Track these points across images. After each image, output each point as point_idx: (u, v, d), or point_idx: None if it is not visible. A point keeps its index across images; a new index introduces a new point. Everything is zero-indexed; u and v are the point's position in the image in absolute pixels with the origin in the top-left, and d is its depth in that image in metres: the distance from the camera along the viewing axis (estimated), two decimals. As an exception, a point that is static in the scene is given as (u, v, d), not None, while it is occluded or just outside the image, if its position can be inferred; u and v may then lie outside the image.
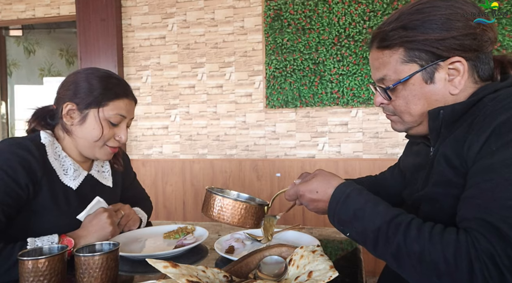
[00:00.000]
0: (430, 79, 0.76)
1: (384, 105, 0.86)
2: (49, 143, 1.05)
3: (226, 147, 2.77)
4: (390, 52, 0.78)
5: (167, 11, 2.84)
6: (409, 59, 0.76)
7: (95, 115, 1.05)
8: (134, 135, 2.94)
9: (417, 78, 0.77)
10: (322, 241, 1.09)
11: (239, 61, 2.72)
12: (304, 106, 2.61)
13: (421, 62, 0.76)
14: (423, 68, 0.76)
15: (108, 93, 1.05)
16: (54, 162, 1.04)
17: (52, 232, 0.96)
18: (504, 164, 0.62)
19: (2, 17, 3.12)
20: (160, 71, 2.87)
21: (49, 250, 0.80)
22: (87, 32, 2.85)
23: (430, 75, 0.76)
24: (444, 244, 0.62)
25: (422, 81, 0.77)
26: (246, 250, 1.03)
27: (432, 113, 0.77)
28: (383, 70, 0.80)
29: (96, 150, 1.08)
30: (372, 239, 0.70)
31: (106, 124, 1.06)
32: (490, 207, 0.62)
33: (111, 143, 1.09)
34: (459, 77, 0.75)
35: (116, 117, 1.07)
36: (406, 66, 0.77)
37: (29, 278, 0.73)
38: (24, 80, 3.39)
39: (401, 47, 0.76)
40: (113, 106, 1.06)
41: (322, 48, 2.55)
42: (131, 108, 1.12)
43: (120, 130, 1.10)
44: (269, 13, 2.62)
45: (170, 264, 0.63)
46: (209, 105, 2.79)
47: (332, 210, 0.77)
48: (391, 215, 0.69)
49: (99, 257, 0.76)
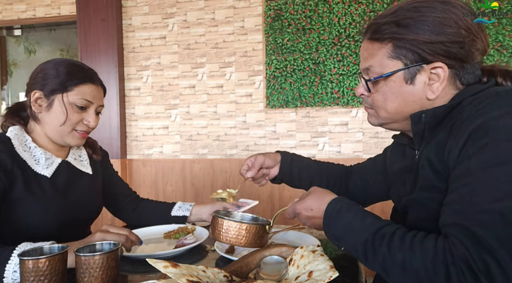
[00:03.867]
0: (411, 80, 0.77)
1: (364, 97, 0.86)
2: (14, 135, 1.07)
3: (226, 146, 2.77)
4: (380, 45, 0.79)
5: (167, 11, 2.84)
6: (395, 56, 0.77)
7: (60, 100, 1.07)
8: (134, 135, 2.94)
9: (398, 76, 0.77)
10: (322, 241, 1.09)
11: (239, 61, 2.72)
12: (304, 106, 2.61)
13: (406, 61, 0.76)
14: (406, 67, 0.76)
15: (73, 78, 1.08)
16: (23, 153, 1.06)
17: (31, 220, 1.00)
18: (480, 168, 0.63)
19: (2, 17, 3.12)
20: (160, 71, 2.87)
21: (50, 250, 0.80)
22: (87, 32, 2.85)
23: (411, 76, 0.76)
24: (423, 252, 0.64)
25: (403, 80, 0.77)
26: (246, 250, 1.03)
27: (414, 117, 0.78)
28: (370, 61, 0.80)
29: (65, 135, 1.10)
30: (362, 252, 0.72)
31: (72, 109, 1.08)
32: (467, 211, 0.62)
33: (80, 127, 1.11)
34: (438, 83, 0.75)
35: (81, 102, 1.09)
36: (391, 62, 0.77)
37: (30, 277, 0.74)
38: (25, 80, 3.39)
39: (390, 42, 0.77)
40: (78, 91, 1.08)
41: (323, 48, 2.55)
42: (97, 94, 1.14)
43: (88, 115, 1.12)
44: (269, 13, 2.62)
45: (171, 264, 0.63)
46: (209, 105, 2.79)
47: (326, 226, 0.80)
48: (377, 227, 0.72)
49: (100, 257, 0.76)
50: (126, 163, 2.90)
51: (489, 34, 2.32)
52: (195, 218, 1.34)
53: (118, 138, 2.86)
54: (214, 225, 0.87)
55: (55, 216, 1.06)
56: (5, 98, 3.38)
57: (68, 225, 1.08)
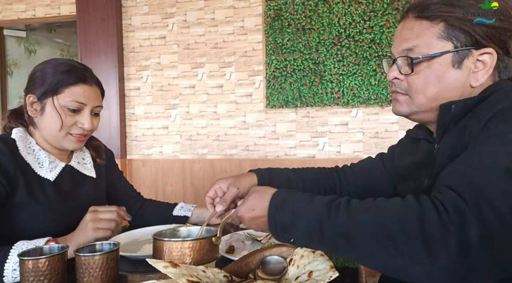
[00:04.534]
0: (458, 64, 0.73)
1: (397, 81, 0.81)
2: (19, 137, 1.05)
3: (226, 146, 2.77)
4: (429, 24, 0.74)
5: (167, 11, 2.84)
6: (446, 36, 0.72)
7: (51, 104, 1.03)
8: (134, 135, 2.94)
9: (446, 58, 0.73)
10: (322, 241, 1.08)
11: (239, 61, 2.72)
12: (304, 106, 2.61)
13: (457, 43, 0.72)
14: (457, 50, 0.72)
15: (62, 80, 1.03)
16: (27, 156, 1.03)
17: (33, 225, 0.98)
18: (495, 134, 0.60)
19: (2, 17, 3.12)
20: (160, 71, 2.87)
21: (50, 250, 0.80)
22: (87, 32, 2.85)
23: (460, 60, 0.73)
24: (390, 205, 0.58)
25: (450, 63, 0.73)
26: (246, 250, 1.03)
27: (444, 107, 0.74)
28: (414, 40, 0.75)
29: (61, 139, 1.06)
30: (318, 231, 0.62)
31: (64, 112, 1.03)
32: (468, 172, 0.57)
33: (75, 131, 1.06)
34: (484, 71, 0.72)
35: (73, 104, 1.03)
36: (440, 42, 0.73)
37: (30, 277, 0.74)
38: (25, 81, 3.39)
39: (442, 22, 0.73)
40: (69, 93, 1.03)
41: (322, 48, 2.55)
42: (91, 94, 1.07)
43: (82, 117, 1.06)
44: (269, 13, 2.62)
45: (170, 264, 0.63)
46: (209, 105, 2.79)
47: (271, 220, 0.69)
48: (328, 200, 0.64)
49: (99, 257, 0.76)
50: (126, 163, 2.90)
51: (489, 34, 2.32)
52: (196, 219, 1.34)
53: (118, 138, 2.86)
54: (155, 249, 0.79)
55: (57, 220, 1.04)
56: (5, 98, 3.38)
57: (70, 229, 1.06)
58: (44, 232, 0.98)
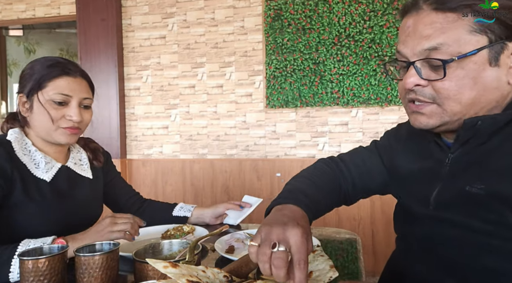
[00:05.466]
0: (495, 61, 0.62)
1: (419, 88, 0.67)
2: (15, 139, 1.05)
3: (226, 146, 2.77)
4: (456, 16, 0.62)
5: (167, 11, 2.84)
6: (479, 29, 0.61)
7: (37, 100, 1.04)
8: (134, 135, 2.94)
9: (482, 55, 0.62)
10: (322, 241, 1.08)
11: (239, 61, 2.72)
12: (304, 106, 2.60)
13: (491, 35, 0.61)
14: (492, 44, 0.61)
15: (45, 75, 1.04)
16: (23, 157, 1.04)
17: (31, 225, 1.00)
18: None
19: (2, 17, 3.12)
20: (160, 71, 2.87)
21: (49, 250, 0.80)
22: (87, 32, 2.85)
23: (496, 56, 0.62)
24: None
25: (487, 61, 0.62)
26: (246, 250, 1.03)
27: (469, 123, 0.64)
28: (439, 37, 0.62)
29: (53, 133, 1.06)
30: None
31: (50, 106, 1.04)
32: None
33: (64, 124, 1.06)
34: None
35: (58, 96, 1.04)
36: (474, 37, 0.61)
37: (29, 278, 0.74)
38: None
39: (471, 12, 0.61)
40: (52, 86, 1.04)
41: (322, 48, 2.55)
42: (76, 87, 1.06)
43: (69, 110, 1.05)
44: (269, 13, 2.62)
45: (170, 264, 0.63)
46: (209, 105, 2.79)
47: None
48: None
49: (99, 257, 0.76)
50: (125, 162, 2.90)
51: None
52: (196, 220, 1.34)
53: (118, 138, 2.86)
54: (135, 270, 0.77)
55: (54, 220, 1.04)
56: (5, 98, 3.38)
57: (67, 230, 1.06)
58: (40, 231, 0.98)
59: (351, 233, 1.24)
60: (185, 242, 0.88)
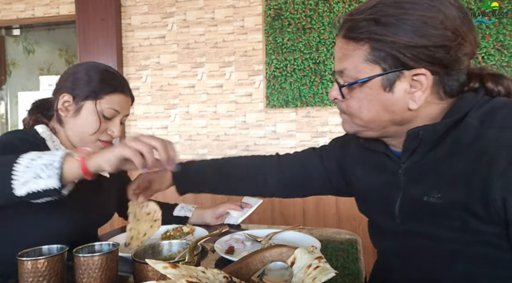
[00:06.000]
0: (390, 88, 0.68)
1: (338, 101, 0.78)
2: (48, 136, 1.05)
3: (226, 146, 2.77)
4: (355, 46, 0.69)
5: (166, 10, 2.83)
6: (372, 59, 0.68)
7: (90, 108, 1.04)
8: (133, 135, 2.93)
9: (376, 82, 0.69)
10: (323, 241, 1.08)
11: (239, 61, 2.71)
12: (305, 106, 2.60)
13: (384, 65, 0.67)
14: (385, 73, 0.67)
15: (105, 87, 1.05)
16: None
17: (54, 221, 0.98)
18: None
19: (1, 16, 3.11)
20: (159, 71, 2.86)
21: (49, 251, 0.80)
22: (86, 32, 2.84)
23: (390, 83, 0.68)
24: None
25: (381, 87, 0.69)
26: (246, 250, 1.03)
27: (411, 134, 0.70)
28: (344, 62, 0.72)
29: (89, 143, 1.07)
30: None
31: (99, 118, 1.06)
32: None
33: (104, 137, 1.09)
34: (420, 92, 0.67)
35: (109, 111, 1.06)
36: (368, 65, 0.69)
37: (29, 278, 0.73)
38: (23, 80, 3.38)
39: (367, 44, 0.68)
40: (108, 100, 1.05)
41: (323, 48, 2.55)
42: (125, 104, 1.11)
43: (113, 125, 1.09)
44: (269, 13, 2.61)
45: (170, 264, 0.62)
46: (209, 105, 2.79)
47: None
48: None
49: (99, 258, 0.76)
50: (125, 162, 2.89)
51: (489, 34, 2.31)
52: (197, 220, 1.34)
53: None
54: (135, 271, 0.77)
55: (77, 218, 1.04)
56: (4, 98, 3.37)
57: (79, 227, 1.06)
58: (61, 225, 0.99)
59: (351, 233, 1.24)
60: (185, 243, 0.88)
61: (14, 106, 3.36)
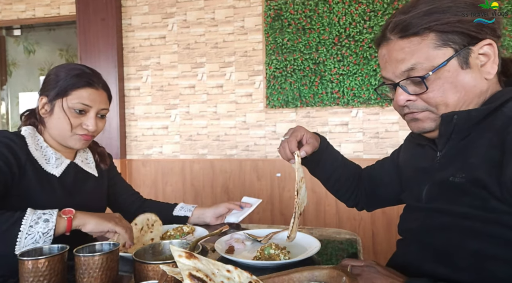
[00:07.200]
0: (466, 64, 0.73)
1: (410, 103, 0.79)
2: (28, 134, 1.10)
3: (226, 147, 2.77)
4: (419, 39, 0.73)
5: (167, 11, 2.83)
6: (442, 43, 0.72)
7: (60, 106, 1.09)
8: (134, 136, 2.94)
9: (452, 64, 0.73)
10: (323, 241, 1.08)
11: (239, 61, 2.72)
12: (305, 106, 2.60)
13: (455, 45, 0.72)
14: (458, 52, 0.72)
15: (71, 83, 1.09)
16: (35, 152, 1.08)
17: None
18: None
19: (2, 17, 3.12)
20: (160, 71, 2.86)
21: (49, 250, 0.80)
22: (87, 32, 2.85)
23: (465, 60, 0.72)
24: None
25: (458, 66, 0.73)
26: (246, 250, 1.03)
27: (446, 117, 0.74)
28: (412, 59, 0.74)
29: (67, 139, 1.12)
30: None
31: (71, 114, 1.09)
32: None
33: (79, 131, 1.12)
34: (491, 61, 0.73)
35: (79, 106, 1.09)
36: (440, 51, 0.72)
37: (29, 278, 0.73)
38: (24, 81, 3.38)
39: (432, 32, 0.72)
40: (76, 95, 1.09)
41: (323, 48, 2.55)
42: (96, 98, 1.13)
43: (87, 119, 1.12)
44: (269, 13, 2.62)
45: (186, 254, 0.57)
46: (209, 105, 2.79)
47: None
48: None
49: (99, 257, 0.76)
50: (125, 163, 2.90)
51: (489, 34, 2.32)
52: (197, 219, 1.34)
53: (118, 139, 2.86)
54: (135, 271, 0.77)
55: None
56: (5, 98, 3.38)
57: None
58: None
59: (351, 233, 1.24)
60: (185, 243, 0.88)
61: (15, 106, 3.37)
